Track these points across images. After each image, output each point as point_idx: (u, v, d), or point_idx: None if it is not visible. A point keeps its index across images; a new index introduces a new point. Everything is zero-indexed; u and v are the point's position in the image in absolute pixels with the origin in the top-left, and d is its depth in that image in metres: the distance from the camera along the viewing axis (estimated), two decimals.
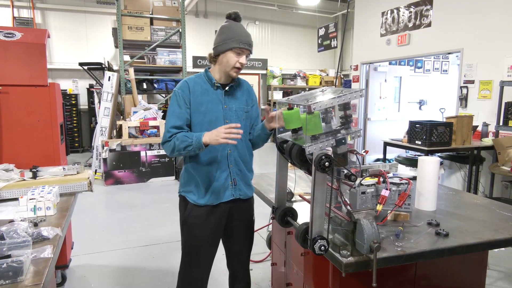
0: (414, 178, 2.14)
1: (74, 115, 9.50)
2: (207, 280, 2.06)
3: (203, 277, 2.04)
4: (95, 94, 8.33)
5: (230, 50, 1.84)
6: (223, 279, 2.56)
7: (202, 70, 1.99)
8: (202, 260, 2.01)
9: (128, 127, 6.51)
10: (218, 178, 1.94)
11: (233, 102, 1.96)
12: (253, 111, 2.07)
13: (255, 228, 4.02)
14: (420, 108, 8.53)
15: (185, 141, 1.80)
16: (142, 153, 6.54)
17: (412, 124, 4.75)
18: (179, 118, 1.88)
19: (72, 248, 3.34)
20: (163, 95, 8.33)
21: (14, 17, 8.98)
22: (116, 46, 7.84)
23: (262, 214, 4.68)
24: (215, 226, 1.98)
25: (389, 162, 5.92)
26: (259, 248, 3.71)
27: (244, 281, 2.20)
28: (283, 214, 1.71)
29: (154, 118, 6.80)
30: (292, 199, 2.13)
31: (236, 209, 2.02)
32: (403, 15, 6.74)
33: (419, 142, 4.60)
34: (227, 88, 1.95)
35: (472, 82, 5.43)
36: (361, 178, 1.74)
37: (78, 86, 9.76)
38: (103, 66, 8.09)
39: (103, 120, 6.86)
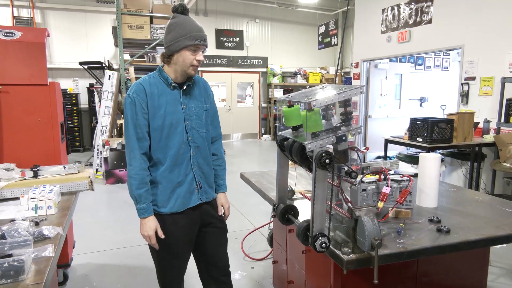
0: (415, 175, 2.14)
1: (74, 114, 9.51)
2: (185, 271, 2.02)
3: (182, 274, 2.00)
4: (95, 93, 8.33)
5: (185, 48, 1.73)
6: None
7: (201, 68, 1.91)
8: (179, 264, 1.94)
9: None
10: (182, 182, 1.85)
11: (192, 102, 1.87)
12: (211, 108, 1.98)
13: (257, 226, 4.07)
14: (421, 105, 8.54)
15: (138, 196, 1.77)
16: None
17: (413, 121, 4.74)
18: (140, 128, 1.77)
19: (73, 247, 3.35)
20: None
21: (14, 17, 8.99)
22: (116, 45, 7.84)
23: (263, 212, 4.70)
24: (188, 231, 1.90)
25: (390, 159, 5.91)
26: (260, 246, 3.71)
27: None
28: (284, 211, 1.70)
29: None
30: (293, 197, 2.12)
31: (205, 212, 1.96)
32: (403, 12, 6.72)
33: (420, 139, 4.59)
34: (184, 87, 1.84)
35: (473, 78, 5.41)
36: (362, 175, 1.73)
37: (79, 85, 9.77)
38: (103, 65, 8.09)
39: (104, 119, 6.86)
